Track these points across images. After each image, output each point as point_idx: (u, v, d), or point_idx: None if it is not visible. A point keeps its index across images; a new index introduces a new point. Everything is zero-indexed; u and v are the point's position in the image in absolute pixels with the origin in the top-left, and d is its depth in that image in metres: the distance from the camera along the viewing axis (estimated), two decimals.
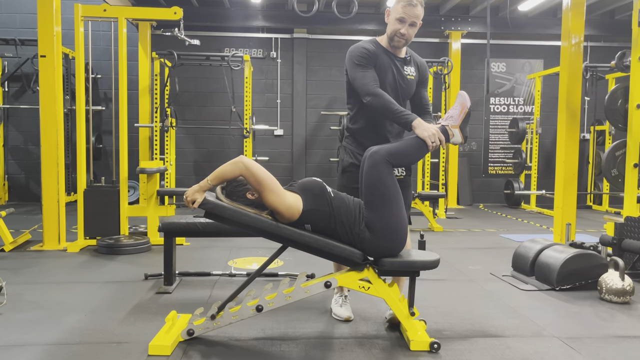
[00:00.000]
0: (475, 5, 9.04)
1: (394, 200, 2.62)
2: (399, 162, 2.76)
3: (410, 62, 3.03)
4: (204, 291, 3.67)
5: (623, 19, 9.25)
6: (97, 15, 5.30)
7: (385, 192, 2.61)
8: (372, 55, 2.91)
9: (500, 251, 5.23)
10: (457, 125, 2.78)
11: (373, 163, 2.63)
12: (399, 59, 2.99)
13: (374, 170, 2.62)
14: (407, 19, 2.86)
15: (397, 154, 2.70)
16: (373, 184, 2.62)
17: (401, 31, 2.88)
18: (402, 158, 2.77)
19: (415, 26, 2.90)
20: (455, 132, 2.77)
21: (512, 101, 9.85)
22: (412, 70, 3.02)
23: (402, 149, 2.74)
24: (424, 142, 2.69)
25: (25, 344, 2.66)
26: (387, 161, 2.63)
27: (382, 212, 2.60)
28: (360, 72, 2.89)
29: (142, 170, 5.29)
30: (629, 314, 3.30)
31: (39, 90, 5.08)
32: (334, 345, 2.72)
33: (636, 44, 4.33)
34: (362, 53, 2.92)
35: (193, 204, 2.47)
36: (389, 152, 2.66)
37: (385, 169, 2.62)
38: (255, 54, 9.33)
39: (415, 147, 2.72)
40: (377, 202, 2.61)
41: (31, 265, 4.42)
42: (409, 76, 2.99)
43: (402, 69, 2.98)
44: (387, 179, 2.62)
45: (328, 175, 9.18)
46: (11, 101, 8.82)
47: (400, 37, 2.91)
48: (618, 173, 5.19)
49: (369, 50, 2.93)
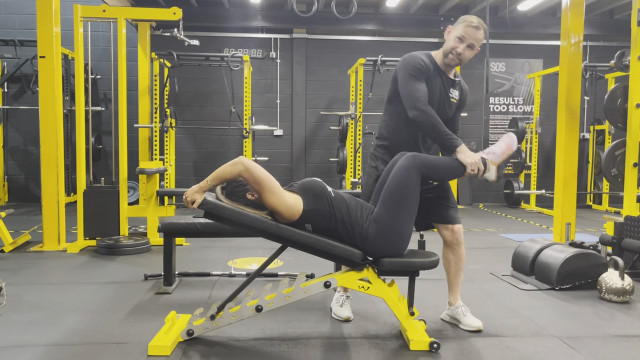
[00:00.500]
0: (474, 5, 9.04)
1: (410, 207, 2.63)
2: (431, 175, 2.73)
3: (457, 85, 3.00)
4: (203, 291, 3.67)
5: (622, 18, 9.25)
6: (97, 15, 5.30)
7: (406, 195, 2.61)
8: (426, 69, 2.86)
9: (500, 251, 5.24)
10: (496, 163, 2.76)
11: (407, 165, 2.63)
12: (448, 79, 2.95)
13: (405, 173, 2.62)
14: (467, 39, 2.83)
15: (433, 167, 2.70)
16: (398, 183, 2.61)
17: (458, 50, 2.85)
18: (436, 172, 2.74)
19: (472, 49, 2.87)
20: (492, 168, 2.75)
21: (512, 101, 9.85)
22: (456, 94, 2.99)
23: (439, 164, 2.74)
24: (462, 166, 2.69)
25: (25, 344, 2.66)
26: (421, 170, 2.63)
27: (395, 212, 2.60)
28: (412, 83, 2.81)
29: (142, 170, 5.29)
30: (629, 313, 3.30)
31: (39, 91, 5.09)
32: (334, 345, 2.72)
33: (635, 44, 4.33)
34: (418, 64, 2.85)
35: (192, 205, 2.47)
36: (426, 163, 2.67)
37: (415, 176, 2.62)
38: (255, 54, 9.33)
39: (453, 167, 2.72)
40: (394, 201, 2.61)
41: (31, 266, 4.42)
42: (452, 99, 2.96)
43: (449, 91, 2.94)
44: (412, 186, 2.62)
45: (327, 175, 9.18)
46: (11, 102, 8.83)
47: (455, 56, 2.87)
48: (617, 172, 5.19)
49: (424, 64, 2.87)
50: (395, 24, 9.30)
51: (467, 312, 2.99)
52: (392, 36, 9.48)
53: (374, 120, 9.00)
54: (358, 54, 8.67)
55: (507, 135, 2.85)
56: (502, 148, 2.78)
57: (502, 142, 2.81)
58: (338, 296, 3.19)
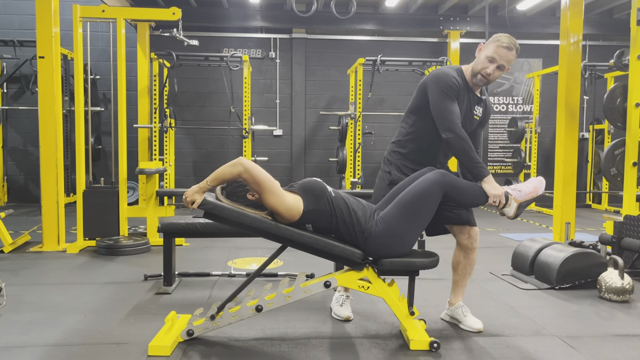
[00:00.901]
0: (473, 4, 9.04)
1: (422, 219, 2.64)
2: (454, 196, 2.72)
3: (482, 102, 2.98)
4: (203, 292, 3.67)
5: (621, 17, 9.25)
6: (96, 16, 5.30)
7: (423, 207, 2.62)
8: (458, 88, 2.82)
9: (499, 250, 5.24)
10: (519, 201, 2.74)
11: (435, 180, 2.63)
12: (475, 97, 2.93)
13: (431, 186, 2.62)
14: (498, 61, 2.80)
15: (457, 189, 2.69)
16: (421, 193, 2.61)
17: (487, 71, 2.81)
18: (459, 195, 2.73)
19: (502, 70, 2.83)
20: (513, 204, 2.74)
21: (511, 100, 9.85)
22: (480, 111, 2.97)
23: (464, 189, 2.72)
24: (485, 196, 2.70)
25: (25, 345, 2.66)
26: (445, 189, 2.63)
27: (407, 219, 2.60)
28: (447, 103, 2.77)
29: (141, 171, 5.29)
30: (629, 312, 3.30)
31: (38, 92, 5.08)
32: (334, 345, 2.72)
33: (634, 43, 4.33)
34: (453, 84, 2.80)
35: (192, 205, 2.47)
36: (453, 184, 2.67)
37: (438, 192, 2.62)
38: (254, 54, 9.33)
39: (476, 194, 2.72)
40: (410, 207, 2.60)
41: (30, 266, 4.42)
42: (475, 116, 2.95)
43: (473, 108, 2.93)
44: (432, 200, 2.62)
45: (327, 175, 9.18)
46: (10, 102, 8.82)
47: (483, 77, 2.83)
48: (617, 172, 5.19)
49: (458, 83, 2.82)
50: (394, 24, 9.29)
51: (467, 312, 2.99)
52: (392, 36, 9.48)
53: (373, 120, 9.02)
54: (357, 53, 8.67)
55: (537, 178, 2.84)
56: (529, 189, 2.77)
57: (530, 183, 2.80)
58: (338, 296, 3.19)
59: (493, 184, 2.72)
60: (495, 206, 2.72)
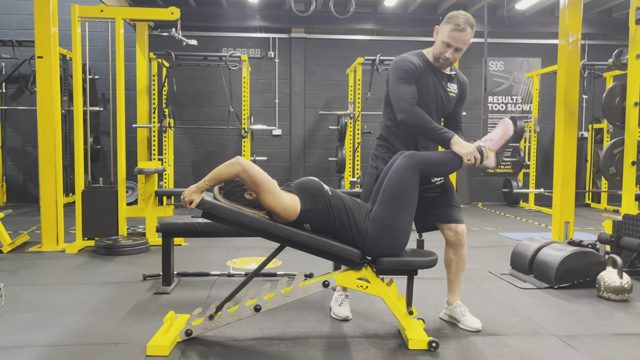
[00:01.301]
0: (472, 4, 9.04)
1: (409, 205, 2.64)
2: (429, 172, 2.76)
3: (454, 79, 3.00)
4: (202, 291, 3.67)
5: (620, 17, 9.25)
6: (94, 15, 5.29)
7: (404, 194, 2.63)
8: (417, 70, 2.84)
9: (498, 249, 5.24)
10: (494, 150, 2.77)
11: (405, 165, 2.65)
12: (444, 75, 2.95)
13: (404, 172, 2.64)
14: (453, 45, 2.81)
15: (431, 164, 2.72)
16: (398, 183, 2.63)
17: (446, 55, 2.83)
18: (434, 168, 2.77)
19: (461, 51, 2.85)
20: (490, 155, 2.76)
21: (510, 100, 9.85)
22: (455, 88, 2.99)
23: (436, 160, 2.75)
24: (459, 157, 2.70)
25: (24, 345, 2.66)
26: (419, 168, 2.65)
27: (394, 211, 2.61)
28: (400, 86, 2.82)
29: (140, 170, 5.28)
30: (627, 311, 3.31)
31: (37, 92, 5.08)
32: (333, 344, 2.72)
33: (633, 42, 4.33)
34: (407, 67, 2.84)
35: (190, 205, 2.47)
36: (424, 160, 2.69)
37: (413, 174, 2.64)
38: (253, 53, 9.33)
39: (450, 160, 2.74)
40: (393, 200, 2.62)
41: (29, 266, 4.41)
42: (451, 93, 2.97)
43: (446, 86, 2.95)
44: (411, 184, 2.64)
45: (326, 175, 9.18)
46: (9, 102, 8.81)
47: (444, 61, 2.87)
48: (616, 171, 5.19)
49: (415, 65, 2.85)
50: (393, 23, 9.30)
51: (465, 311, 2.99)
52: (391, 35, 9.48)
53: (372, 120, 9.00)
54: (356, 53, 8.66)
55: (503, 121, 2.86)
56: (499, 134, 2.79)
57: (498, 129, 2.82)
58: (337, 295, 3.19)
59: (462, 144, 2.72)
60: (473, 164, 2.72)
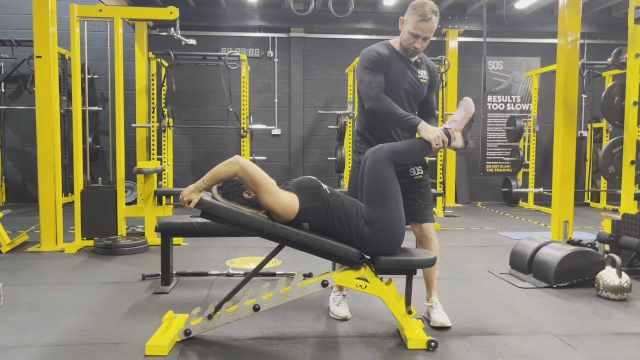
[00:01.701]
0: (472, 3, 9.04)
1: (394, 197, 2.64)
2: (401, 161, 2.77)
3: (422, 65, 3.04)
4: (201, 291, 3.66)
5: (619, 16, 9.25)
6: (93, 15, 5.28)
7: (386, 187, 2.63)
8: (383, 59, 2.89)
9: (498, 249, 5.24)
10: (459, 130, 2.81)
11: (375, 159, 2.66)
12: (412, 62, 2.99)
13: (376, 166, 2.65)
14: (421, 35, 2.86)
15: (400, 152, 2.74)
16: (375, 179, 2.64)
17: (415, 45, 2.89)
18: (405, 157, 2.79)
19: (427, 40, 2.91)
20: (457, 135, 2.81)
21: (510, 99, 9.85)
22: (424, 74, 3.03)
23: (405, 148, 2.78)
24: (427, 143, 2.73)
25: (22, 345, 2.66)
26: (390, 158, 2.66)
27: (382, 208, 2.61)
28: (367, 76, 2.87)
29: (140, 170, 5.28)
30: (626, 311, 3.31)
31: (35, 91, 5.07)
32: (332, 344, 2.72)
33: (632, 41, 4.33)
34: (373, 57, 2.89)
35: (189, 204, 2.46)
36: (392, 150, 2.70)
37: (387, 166, 2.65)
38: (252, 53, 9.32)
39: (419, 147, 2.77)
40: (377, 197, 2.62)
41: (28, 266, 4.41)
42: (422, 79, 3.00)
43: (417, 73, 2.99)
44: (388, 176, 2.65)
45: (326, 174, 9.18)
46: (8, 102, 8.81)
47: (413, 50, 2.92)
48: (615, 170, 5.20)
49: (380, 55, 2.90)
50: (392, 23, 9.27)
51: (437, 306, 3.00)
52: (390, 35, 9.46)
53: None
54: (356, 52, 8.56)
55: (463, 100, 2.87)
56: (461, 114, 2.83)
57: (460, 109, 2.85)
58: (334, 296, 3.19)
59: (428, 129, 2.77)
60: (442, 147, 2.77)
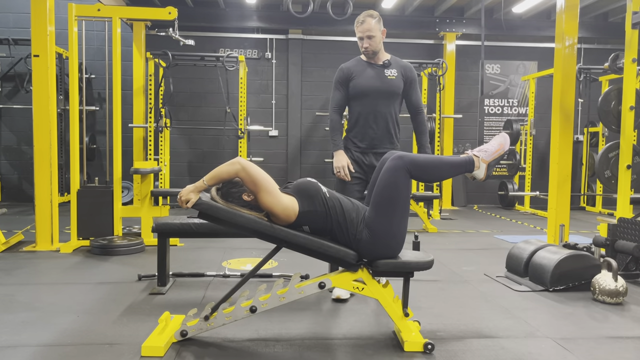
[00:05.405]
0: (469, 7, 9.07)
1: (401, 208, 2.62)
2: (420, 175, 2.71)
3: (390, 65, 3.49)
4: (197, 292, 3.66)
5: (616, 21, 9.30)
6: (91, 15, 5.27)
7: (396, 197, 2.60)
8: (346, 73, 3.47)
9: (494, 252, 5.25)
10: (487, 161, 2.71)
11: (394, 167, 2.60)
12: (378, 65, 3.48)
13: (393, 174, 2.60)
14: (363, 35, 3.40)
15: (421, 166, 2.64)
16: (386, 185, 2.60)
17: (364, 46, 3.43)
18: (426, 171, 2.69)
19: (372, 38, 3.38)
20: (482, 166, 2.70)
21: (507, 103, 9.87)
22: (393, 72, 3.47)
23: (427, 163, 2.68)
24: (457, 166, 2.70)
25: (17, 345, 2.64)
26: (408, 170, 2.59)
27: (387, 216, 2.59)
28: (332, 92, 3.53)
29: (136, 170, 5.27)
30: (622, 314, 3.32)
31: (32, 90, 5.05)
32: (328, 346, 2.71)
33: (629, 46, 4.35)
34: (338, 76, 3.50)
35: (187, 204, 2.46)
36: (412, 162, 2.61)
37: (403, 176, 2.59)
38: (250, 54, 9.32)
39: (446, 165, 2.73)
40: (385, 204, 2.59)
41: (23, 266, 4.39)
42: (390, 76, 3.45)
43: (383, 72, 3.46)
44: (402, 186, 2.60)
45: (323, 176, 9.18)
46: (4, 101, 8.78)
47: (365, 50, 3.45)
48: (611, 174, 5.22)
49: (343, 71, 3.49)
50: (390, 26, 9.21)
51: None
52: (388, 37, 9.27)
53: None
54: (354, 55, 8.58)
55: (501, 135, 2.81)
56: (495, 147, 2.74)
57: (494, 141, 2.77)
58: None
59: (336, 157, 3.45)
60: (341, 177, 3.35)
